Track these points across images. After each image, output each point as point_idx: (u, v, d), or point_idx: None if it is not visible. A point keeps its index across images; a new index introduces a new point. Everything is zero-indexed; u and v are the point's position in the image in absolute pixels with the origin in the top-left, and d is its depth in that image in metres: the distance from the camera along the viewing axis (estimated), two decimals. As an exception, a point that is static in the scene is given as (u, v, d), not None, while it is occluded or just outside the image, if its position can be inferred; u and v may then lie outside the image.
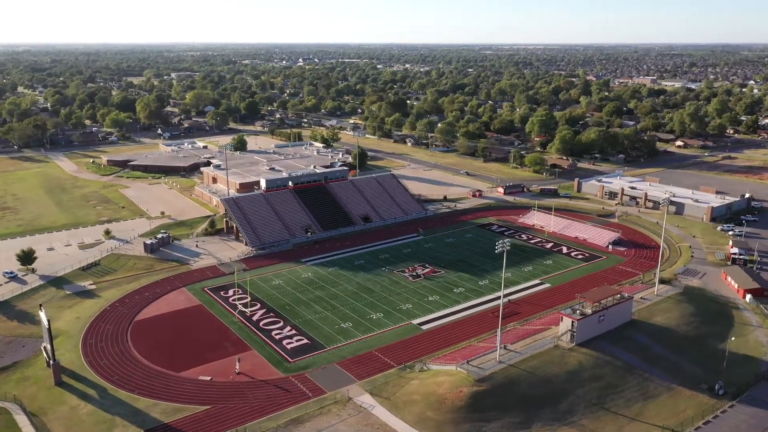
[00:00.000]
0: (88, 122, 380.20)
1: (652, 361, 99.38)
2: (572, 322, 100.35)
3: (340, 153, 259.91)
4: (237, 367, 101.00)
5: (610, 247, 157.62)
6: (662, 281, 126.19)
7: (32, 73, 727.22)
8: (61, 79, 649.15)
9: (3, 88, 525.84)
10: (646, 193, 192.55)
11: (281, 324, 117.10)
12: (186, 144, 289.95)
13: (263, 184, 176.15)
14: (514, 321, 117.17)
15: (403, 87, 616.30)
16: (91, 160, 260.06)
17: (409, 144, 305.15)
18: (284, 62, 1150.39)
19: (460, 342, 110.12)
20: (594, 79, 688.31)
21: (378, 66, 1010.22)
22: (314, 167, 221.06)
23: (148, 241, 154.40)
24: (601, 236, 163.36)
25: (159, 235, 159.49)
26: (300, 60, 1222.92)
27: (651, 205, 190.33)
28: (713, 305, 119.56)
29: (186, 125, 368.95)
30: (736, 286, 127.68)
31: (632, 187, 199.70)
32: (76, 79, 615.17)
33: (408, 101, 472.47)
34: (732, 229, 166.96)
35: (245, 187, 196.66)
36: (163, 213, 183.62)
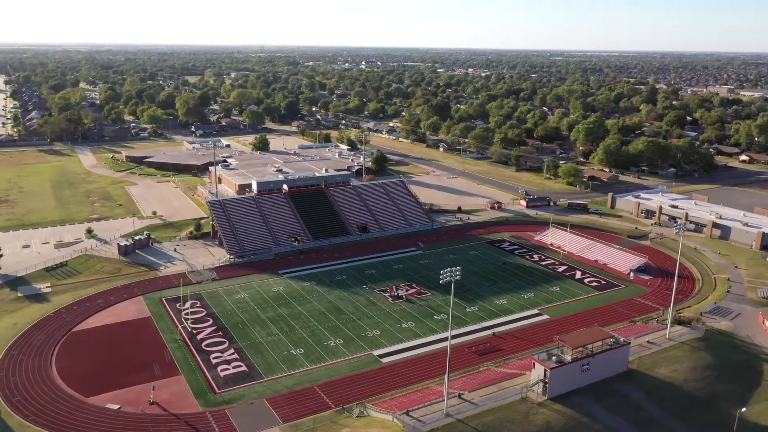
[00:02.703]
0: (131, 118, 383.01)
1: (642, 427, 79.69)
2: (545, 370, 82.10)
3: (362, 156, 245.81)
4: (151, 396, 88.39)
5: (632, 274, 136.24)
6: (680, 322, 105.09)
7: (99, 71, 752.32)
8: (124, 76, 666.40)
9: (64, 83, 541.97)
10: (686, 213, 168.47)
11: (225, 345, 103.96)
12: (210, 142, 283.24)
13: (254, 186, 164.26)
14: (491, 360, 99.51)
15: (457, 91, 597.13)
16: (111, 156, 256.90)
17: (442, 149, 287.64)
18: (347, 64, 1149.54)
19: (422, 381, 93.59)
20: (664, 87, 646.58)
21: (439, 69, 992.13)
22: (326, 170, 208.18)
23: (122, 243, 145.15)
24: (623, 261, 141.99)
25: (137, 237, 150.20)
26: (363, 63, 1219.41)
27: (693, 227, 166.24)
28: (739, 356, 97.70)
29: (223, 123, 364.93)
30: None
31: (673, 206, 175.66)
32: (134, 76, 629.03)
33: (458, 105, 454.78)
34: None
35: (245, 188, 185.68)
36: (154, 213, 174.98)
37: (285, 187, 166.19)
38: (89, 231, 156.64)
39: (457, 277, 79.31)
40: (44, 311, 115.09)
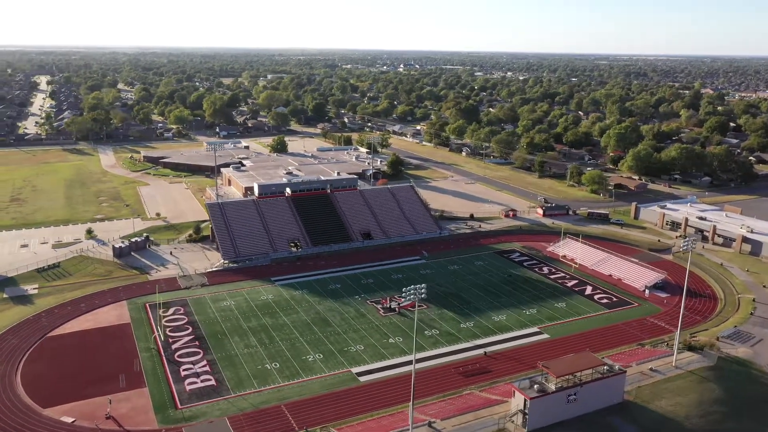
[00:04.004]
0: (160, 118, 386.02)
1: (631, 469, 71.12)
2: (525, 400, 74.16)
3: (379, 160, 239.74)
4: (108, 409, 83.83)
5: (647, 291, 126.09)
6: (690, 348, 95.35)
7: (139, 72, 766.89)
8: (162, 77, 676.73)
9: (101, 84, 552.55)
10: (714, 226, 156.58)
11: (199, 357, 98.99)
12: (229, 143, 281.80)
13: (256, 189, 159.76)
14: (476, 382, 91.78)
15: (492, 94, 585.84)
16: (130, 156, 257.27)
17: (464, 154, 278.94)
18: (385, 67, 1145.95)
19: (399, 404, 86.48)
20: (710, 91, 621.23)
21: (477, 73, 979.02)
22: (337, 173, 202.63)
23: (117, 245, 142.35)
24: (640, 277, 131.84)
25: (134, 239, 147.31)
26: (401, 66, 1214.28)
27: (721, 241, 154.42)
28: (754, 389, 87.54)
29: (249, 125, 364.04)
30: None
31: (701, 218, 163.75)
32: (171, 77, 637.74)
33: (490, 109, 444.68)
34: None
35: (250, 191, 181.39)
36: (158, 214, 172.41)
37: (288, 190, 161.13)
38: (89, 232, 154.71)
39: (422, 296, 72.02)
40: (25, 314, 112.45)
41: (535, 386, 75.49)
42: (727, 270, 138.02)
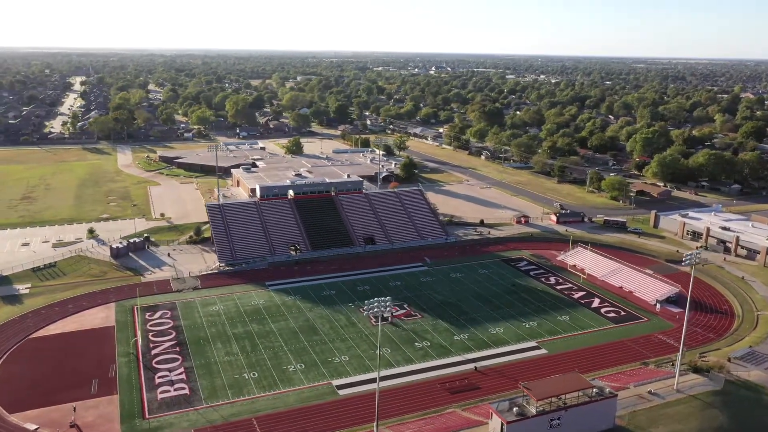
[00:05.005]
0: (184, 119, 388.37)
1: (615, 504, 64.92)
2: (502, 424, 68.60)
3: (394, 163, 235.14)
4: (72, 417, 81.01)
5: (659, 306, 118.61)
6: (696, 369, 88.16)
7: (172, 73, 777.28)
8: (194, 79, 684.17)
9: (131, 85, 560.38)
10: (737, 237, 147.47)
11: (177, 363, 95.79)
12: (246, 144, 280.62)
13: (258, 191, 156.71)
14: (461, 400, 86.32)
15: (521, 97, 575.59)
16: (146, 156, 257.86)
17: (483, 157, 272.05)
18: (416, 70, 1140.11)
19: (371, 422, 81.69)
20: (751, 96, 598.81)
21: (509, 76, 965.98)
22: (347, 176, 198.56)
23: (115, 245, 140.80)
24: (652, 290, 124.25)
25: (133, 239, 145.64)
26: (432, 68, 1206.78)
27: (744, 253, 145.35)
28: (763, 417, 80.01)
29: (271, 126, 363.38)
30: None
31: (724, 227, 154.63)
32: (201, 78, 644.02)
33: (517, 112, 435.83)
34: None
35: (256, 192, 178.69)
36: (162, 215, 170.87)
37: (291, 192, 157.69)
38: (91, 231, 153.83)
39: (386, 309, 67.11)
40: (12, 314, 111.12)
41: (515, 409, 69.86)
42: (748, 284, 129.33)
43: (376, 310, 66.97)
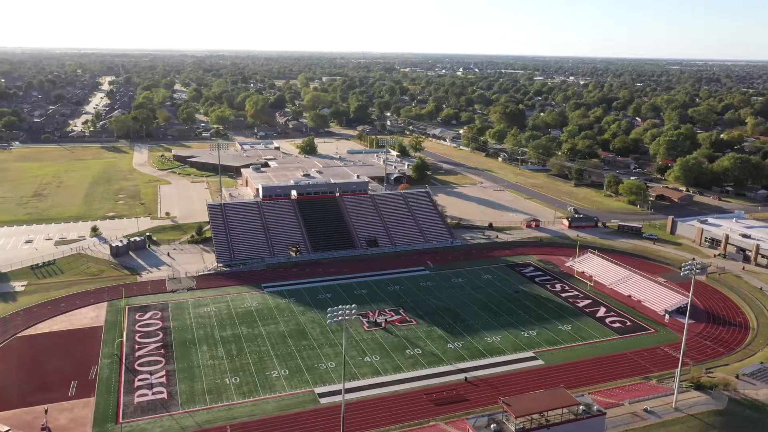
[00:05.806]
0: (204, 118, 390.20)
1: None
2: (478, 441, 64.58)
3: (407, 164, 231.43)
4: (44, 420, 79.31)
5: (667, 316, 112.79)
6: (698, 386, 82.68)
7: (200, 73, 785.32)
8: (220, 78, 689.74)
9: (157, 84, 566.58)
10: (757, 245, 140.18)
11: (159, 366, 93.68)
12: (261, 144, 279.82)
13: (260, 191, 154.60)
14: (446, 412, 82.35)
15: (548, 99, 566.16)
16: (161, 154, 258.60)
17: (500, 159, 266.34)
18: (443, 71, 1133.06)
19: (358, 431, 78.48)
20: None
21: (537, 77, 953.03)
22: (357, 176, 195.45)
23: (115, 244, 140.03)
24: (662, 299, 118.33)
25: (133, 238, 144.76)
26: (460, 69, 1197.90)
27: (765, 263, 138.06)
28: (769, 441, 74.43)
29: (290, 126, 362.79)
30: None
31: (744, 235, 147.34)
32: (227, 78, 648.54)
33: (540, 114, 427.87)
34: None
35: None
36: (167, 214, 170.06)
37: (294, 193, 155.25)
38: (94, 229, 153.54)
39: (349, 317, 63.59)
40: (3, 312, 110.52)
41: (492, 425, 65.78)
42: (766, 296, 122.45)
43: (340, 317, 63.52)
